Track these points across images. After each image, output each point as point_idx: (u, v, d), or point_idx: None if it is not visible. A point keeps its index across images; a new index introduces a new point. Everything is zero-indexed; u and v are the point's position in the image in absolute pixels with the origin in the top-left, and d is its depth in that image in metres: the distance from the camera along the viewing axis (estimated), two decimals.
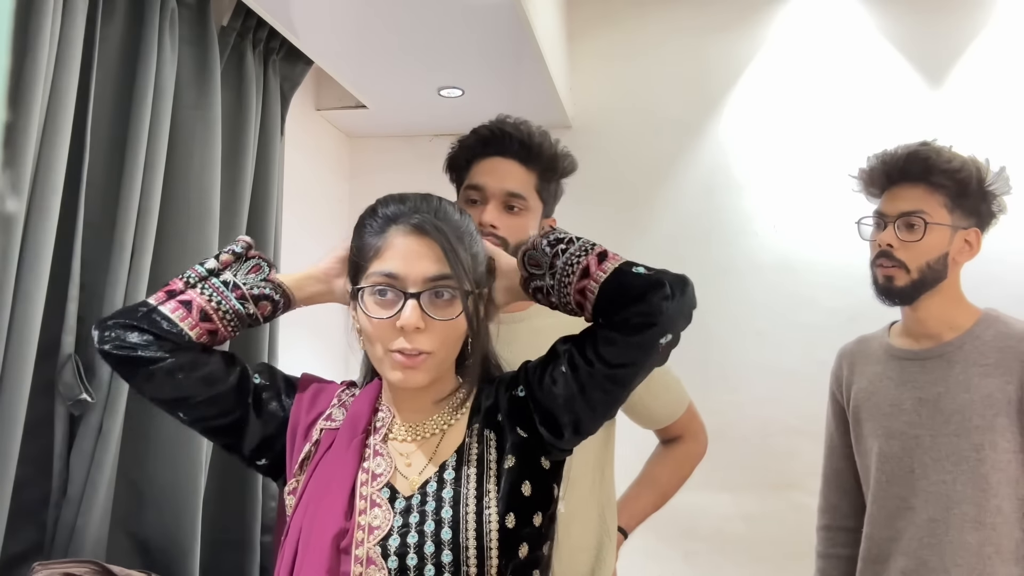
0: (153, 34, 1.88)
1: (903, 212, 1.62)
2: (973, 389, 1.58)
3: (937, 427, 1.60)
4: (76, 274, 1.72)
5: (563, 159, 1.58)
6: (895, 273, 1.62)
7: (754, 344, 2.89)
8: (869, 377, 1.73)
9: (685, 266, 1.20)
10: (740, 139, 2.98)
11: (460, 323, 1.08)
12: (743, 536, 2.82)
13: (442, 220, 1.09)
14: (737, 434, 2.86)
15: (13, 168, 1.51)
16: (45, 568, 1.55)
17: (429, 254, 1.07)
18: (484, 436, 1.12)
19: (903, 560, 1.62)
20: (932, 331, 1.65)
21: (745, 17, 3.01)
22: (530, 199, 1.52)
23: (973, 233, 1.63)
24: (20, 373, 1.56)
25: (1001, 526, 1.55)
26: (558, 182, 1.60)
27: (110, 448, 1.76)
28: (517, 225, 1.50)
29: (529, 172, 1.53)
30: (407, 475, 1.11)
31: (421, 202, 1.12)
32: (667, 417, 1.70)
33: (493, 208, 1.50)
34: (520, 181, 1.52)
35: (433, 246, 1.07)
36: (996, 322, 1.63)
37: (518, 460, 1.10)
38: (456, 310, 1.07)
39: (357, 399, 1.18)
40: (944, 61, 2.85)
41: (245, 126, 2.22)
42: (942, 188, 1.60)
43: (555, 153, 1.56)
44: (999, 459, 1.56)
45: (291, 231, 2.52)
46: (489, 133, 1.55)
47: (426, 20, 2.26)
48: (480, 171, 1.54)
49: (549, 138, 1.57)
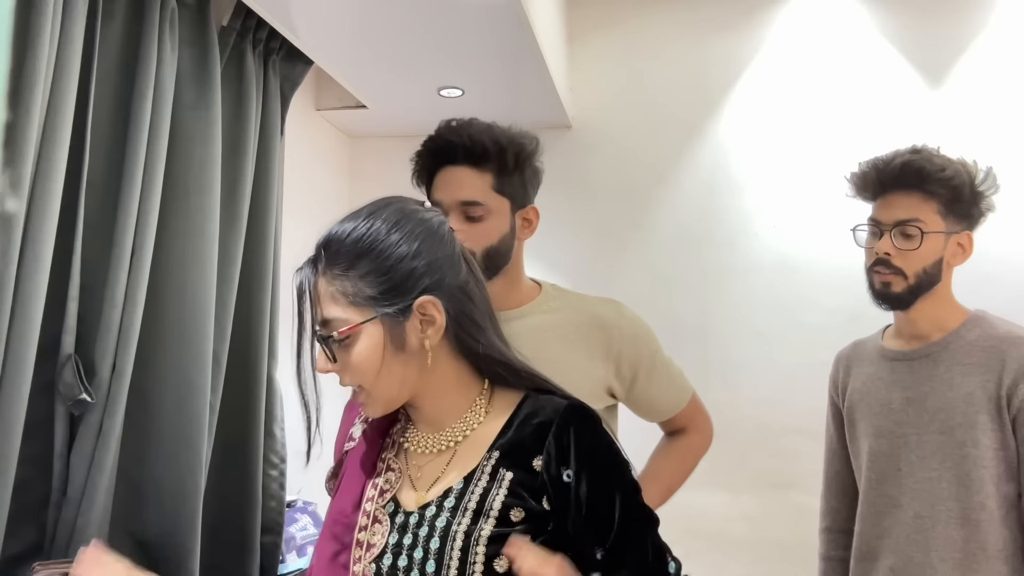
0: (153, 34, 1.88)
1: (899, 221, 1.63)
2: (956, 387, 1.60)
3: (923, 425, 1.62)
4: (76, 274, 1.72)
5: (514, 147, 1.49)
6: (893, 280, 1.64)
7: (754, 344, 2.89)
8: (862, 378, 1.75)
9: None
10: (740, 139, 2.98)
11: (367, 356, 1.03)
12: (744, 535, 2.82)
13: (338, 249, 1.04)
14: (737, 434, 2.86)
15: (13, 168, 1.51)
16: (45, 568, 1.55)
17: (323, 294, 1.04)
18: (498, 474, 1.05)
19: (891, 557, 1.64)
20: (922, 332, 1.68)
21: (745, 17, 3.01)
22: (488, 201, 1.47)
23: (966, 236, 1.66)
24: (20, 373, 1.56)
25: (986, 523, 1.56)
26: (522, 170, 1.51)
27: (110, 448, 1.76)
28: (479, 232, 1.46)
29: (482, 174, 1.47)
30: (417, 487, 1.08)
31: (326, 241, 1.06)
32: (670, 409, 1.67)
33: (453, 221, 1.47)
34: (472, 187, 1.46)
35: (325, 287, 1.04)
36: (982, 322, 1.65)
37: (526, 518, 1.03)
38: (358, 346, 1.02)
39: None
40: (944, 61, 2.85)
41: (245, 126, 2.22)
42: (936, 196, 1.62)
43: (503, 146, 1.47)
44: (982, 456, 1.57)
45: (291, 231, 2.52)
46: (434, 145, 1.51)
47: (426, 20, 2.26)
48: (436, 185, 1.50)
49: (495, 131, 1.49)
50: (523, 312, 1.54)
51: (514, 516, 1.02)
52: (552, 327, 1.52)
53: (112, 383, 1.77)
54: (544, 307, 1.55)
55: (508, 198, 1.50)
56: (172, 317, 1.94)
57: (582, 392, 1.34)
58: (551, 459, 1.04)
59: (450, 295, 1.06)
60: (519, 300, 1.55)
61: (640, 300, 1.62)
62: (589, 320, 1.53)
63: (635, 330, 1.55)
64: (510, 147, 1.48)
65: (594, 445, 1.06)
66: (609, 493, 1.04)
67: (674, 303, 2.90)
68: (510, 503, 1.03)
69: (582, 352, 1.51)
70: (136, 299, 1.82)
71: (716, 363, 2.90)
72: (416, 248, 1.05)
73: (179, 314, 1.96)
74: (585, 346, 1.51)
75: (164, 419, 1.93)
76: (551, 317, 1.54)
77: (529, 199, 1.55)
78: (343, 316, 1.03)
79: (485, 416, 1.09)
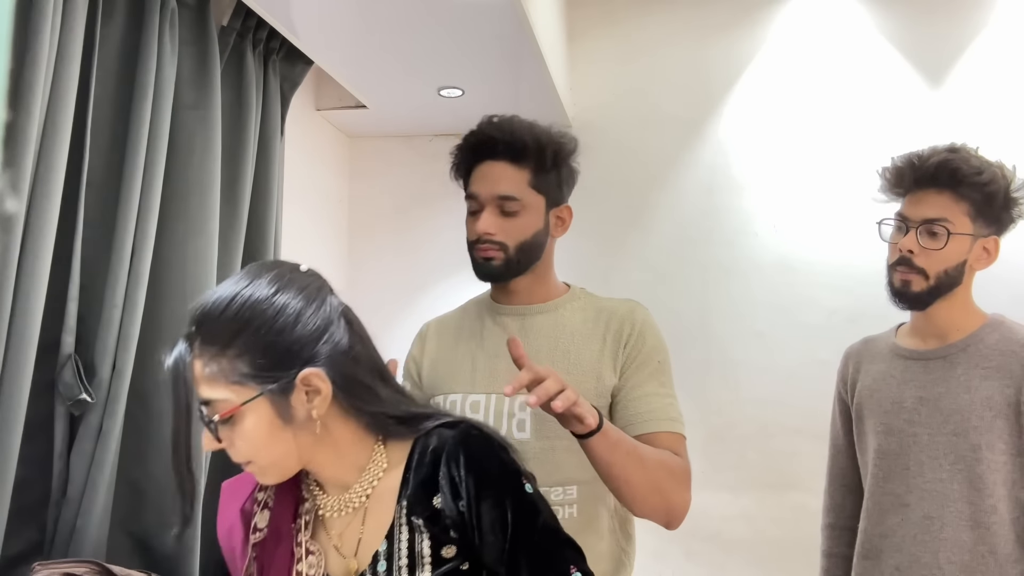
0: (153, 34, 1.88)
1: (927, 219, 1.61)
2: (974, 391, 1.59)
3: (936, 426, 1.61)
4: (76, 274, 1.71)
5: (553, 146, 1.53)
6: (913, 279, 1.62)
7: (754, 344, 2.89)
8: (873, 375, 1.74)
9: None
10: (740, 139, 2.98)
11: (254, 434, 1.01)
12: (744, 536, 2.82)
13: (213, 327, 1.00)
14: (737, 434, 2.86)
15: (13, 168, 1.51)
16: (45, 568, 1.54)
17: (200, 375, 1.01)
18: (413, 524, 1.05)
19: (896, 556, 1.63)
20: (940, 332, 1.66)
21: (745, 17, 3.01)
22: (524, 197, 1.49)
23: (992, 241, 1.64)
24: (20, 373, 1.55)
25: (996, 526, 1.55)
26: (559, 169, 1.55)
27: (110, 448, 1.76)
28: (514, 227, 1.49)
29: (520, 170, 1.50)
30: (343, 553, 1.07)
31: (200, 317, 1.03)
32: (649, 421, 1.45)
33: (488, 215, 1.49)
34: (510, 182, 1.49)
35: (202, 367, 1.01)
36: (1000, 327, 1.64)
37: (459, 551, 1.04)
38: (243, 424, 1.00)
39: (278, 494, 1.12)
40: (944, 61, 2.85)
41: (245, 126, 2.22)
42: (968, 198, 1.60)
43: (543, 144, 1.51)
44: (996, 460, 1.56)
45: (291, 231, 2.52)
46: (475, 140, 1.53)
47: (426, 20, 2.26)
48: (474, 179, 1.53)
49: (536, 129, 1.53)
50: (546, 308, 1.55)
51: (446, 553, 1.03)
52: (572, 323, 1.54)
53: (112, 383, 1.77)
54: (568, 305, 1.56)
55: (544, 195, 1.52)
56: (172, 317, 1.94)
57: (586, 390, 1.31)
58: (446, 495, 1.04)
59: (333, 362, 1.03)
60: (545, 296, 1.56)
61: (640, 300, 1.61)
62: (608, 316, 1.54)
63: (646, 328, 1.53)
64: (549, 145, 1.52)
65: (482, 467, 1.05)
66: (501, 511, 1.04)
67: (674, 303, 2.90)
68: (437, 544, 1.04)
69: (596, 346, 1.50)
70: (136, 299, 1.82)
71: (716, 363, 2.90)
72: (295, 318, 1.01)
73: (179, 314, 1.95)
74: (600, 339, 1.51)
75: (164, 419, 1.93)
76: (573, 315, 1.55)
77: (563, 198, 1.57)
78: (224, 397, 0.99)
79: (386, 468, 1.08)
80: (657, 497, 1.38)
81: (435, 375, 1.57)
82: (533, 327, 1.53)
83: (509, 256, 1.49)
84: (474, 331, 1.57)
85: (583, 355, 1.49)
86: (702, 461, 1.78)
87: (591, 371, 1.48)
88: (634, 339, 1.51)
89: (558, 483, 1.44)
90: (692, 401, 2.01)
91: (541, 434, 1.45)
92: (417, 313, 1.98)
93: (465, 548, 1.04)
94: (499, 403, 1.48)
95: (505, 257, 1.49)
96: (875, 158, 1.82)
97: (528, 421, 1.47)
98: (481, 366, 1.52)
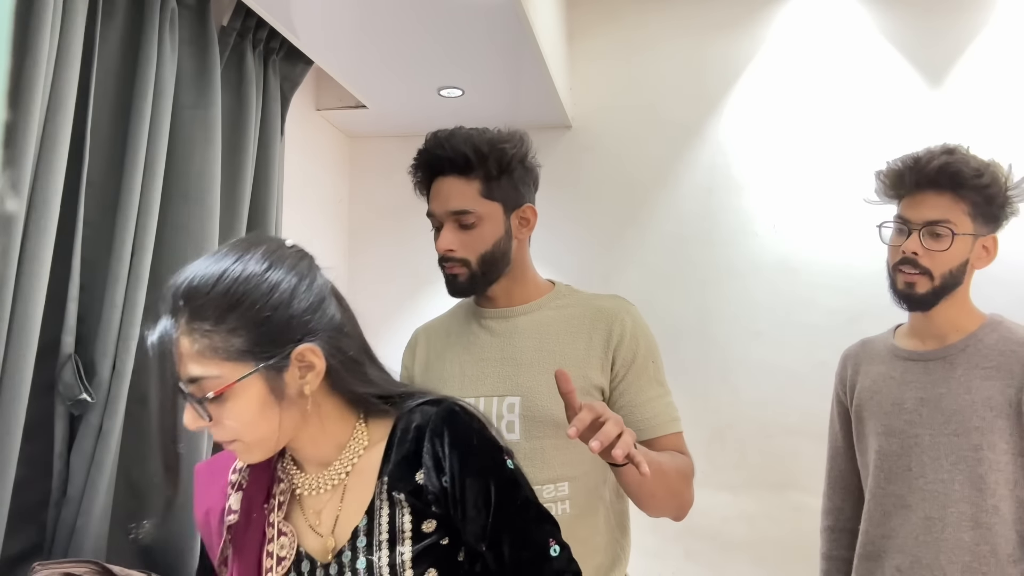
0: (153, 34, 1.88)
1: (929, 221, 1.61)
2: (974, 391, 1.59)
3: (937, 427, 1.61)
4: (76, 274, 1.72)
5: (496, 153, 1.48)
6: (918, 280, 1.62)
7: (754, 344, 2.89)
8: (873, 377, 1.74)
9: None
10: (740, 139, 2.98)
11: (245, 411, 0.98)
12: (743, 536, 2.82)
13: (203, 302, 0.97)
14: (737, 434, 2.86)
15: (13, 168, 1.51)
16: (45, 568, 1.55)
17: (188, 351, 0.97)
18: (394, 498, 1.04)
19: (898, 557, 1.63)
20: (939, 333, 1.66)
21: (745, 17, 3.01)
22: (478, 208, 1.48)
23: (991, 239, 1.65)
24: (20, 373, 1.56)
25: (998, 526, 1.56)
26: (510, 173, 1.51)
27: (110, 448, 1.76)
28: (473, 240, 1.49)
29: (469, 182, 1.48)
30: (321, 532, 1.06)
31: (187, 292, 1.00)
32: (650, 426, 1.49)
33: (447, 232, 1.49)
34: (461, 196, 1.48)
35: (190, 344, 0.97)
36: (999, 327, 1.64)
37: (439, 525, 1.04)
38: (235, 401, 0.98)
39: (252, 475, 1.11)
40: (944, 61, 2.85)
41: (245, 126, 2.22)
42: (968, 199, 1.61)
43: (484, 154, 1.48)
44: (997, 460, 1.57)
45: (291, 231, 2.52)
46: (422, 159, 1.53)
47: (426, 20, 2.26)
48: (431, 197, 1.53)
49: (477, 139, 1.49)
50: (528, 308, 1.55)
51: (426, 528, 1.04)
52: (557, 321, 1.54)
53: (112, 383, 1.77)
54: (552, 304, 1.56)
55: (499, 201, 1.51)
56: None
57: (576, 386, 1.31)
58: (430, 471, 1.04)
59: (327, 338, 1.02)
60: (525, 297, 1.56)
61: (640, 300, 1.61)
62: (594, 313, 1.53)
63: (638, 330, 1.54)
64: (492, 153, 1.49)
65: (466, 443, 1.05)
66: (484, 486, 1.04)
67: (674, 303, 2.90)
68: (418, 519, 1.04)
69: (583, 343, 1.51)
70: (136, 299, 1.82)
71: (716, 363, 2.90)
72: (290, 294, 1.00)
73: None
74: (587, 337, 1.51)
75: None
76: (557, 312, 1.55)
77: (524, 198, 1.55)
78: (215, 373, 0.97)
79: (366, 445, 1.08)
80: (674, 501, 1.47)
81: (427, 380, 1.58)
82: (517, 328, 1.54)
83: (473, 271, 1.49)
84: (462, 335, 1.59)
85: (568, 353, 1.50)
86: (702, 461, 1.77)
87: (577, 369, 1.47)
88: (626, 342, 1.51)
89: (549, 480, 1.46)
90: (692, 401, 2.02)
91: (530, 435, 1.47)
92: (417, 313, 1.98)
93: (446, 523, 1.04)
94: (487, 406, 1.49)
95: (469, 272, 1.50)
96: (875, 158, 1.81)
97: (517, 423, 1.48)
98: (470, 370, 1.54)
